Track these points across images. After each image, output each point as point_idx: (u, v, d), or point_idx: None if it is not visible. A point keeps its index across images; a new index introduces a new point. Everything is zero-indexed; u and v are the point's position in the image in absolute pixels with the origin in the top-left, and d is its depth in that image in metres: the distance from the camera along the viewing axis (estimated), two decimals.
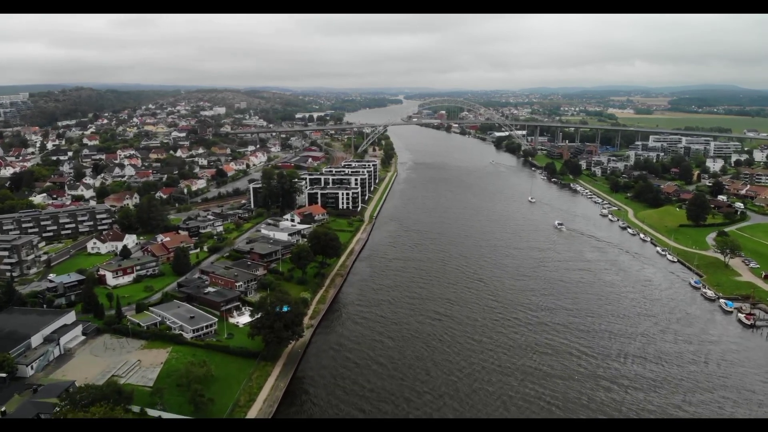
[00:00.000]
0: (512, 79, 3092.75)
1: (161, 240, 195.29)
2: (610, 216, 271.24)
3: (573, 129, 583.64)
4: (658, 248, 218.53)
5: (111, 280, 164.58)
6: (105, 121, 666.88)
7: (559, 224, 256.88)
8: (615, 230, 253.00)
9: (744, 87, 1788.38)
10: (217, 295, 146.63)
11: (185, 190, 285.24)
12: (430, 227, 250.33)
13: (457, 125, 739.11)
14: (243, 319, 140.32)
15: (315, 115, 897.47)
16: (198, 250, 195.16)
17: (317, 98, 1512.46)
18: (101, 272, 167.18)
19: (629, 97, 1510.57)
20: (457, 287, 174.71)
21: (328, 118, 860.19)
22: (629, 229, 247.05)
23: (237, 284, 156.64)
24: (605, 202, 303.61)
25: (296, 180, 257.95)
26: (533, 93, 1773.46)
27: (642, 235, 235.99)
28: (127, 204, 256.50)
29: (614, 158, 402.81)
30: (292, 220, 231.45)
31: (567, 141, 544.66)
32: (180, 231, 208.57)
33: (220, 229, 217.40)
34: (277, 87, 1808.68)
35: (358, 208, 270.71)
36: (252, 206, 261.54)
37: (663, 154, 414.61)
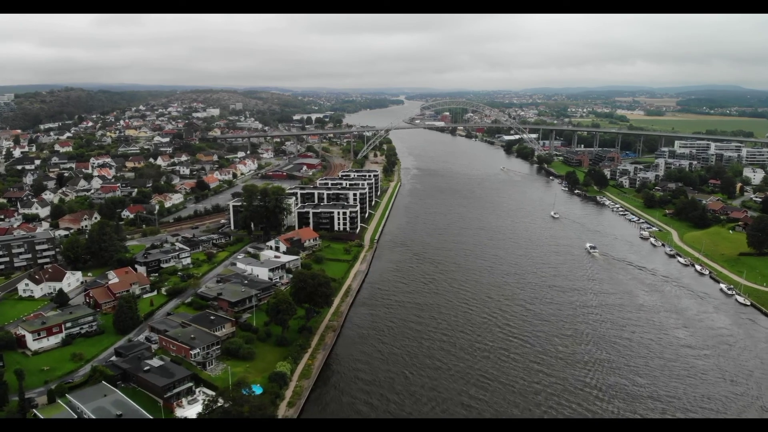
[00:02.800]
0: (512, 78, 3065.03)
1: (111, 280, 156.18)
2: (652, 239, 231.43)
3: (589, 132, 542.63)
4: (722, 285, 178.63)
5: (32, 342, 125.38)
6: (90, 123, 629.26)
7: (591, 248, 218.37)
8: (661, 258, 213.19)
9: (747, 87, 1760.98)
10: (160, 374, 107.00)
11: (157, 208, 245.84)
12: (443, 254, 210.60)
13: (462, 128, 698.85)
14: (194, 409, 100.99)
15: (313, 116, 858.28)
16: (154, 293, 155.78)
17: (317, 99, 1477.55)
18: (20, 332, 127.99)
19: (634, 97, 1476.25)
20: (490, 349, 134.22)
21: (326, 119, 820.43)
22: (680, 258, 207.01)
23: (192, 352, 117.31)
24: (641, 220, 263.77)
25: (283, 197, 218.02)
26: (536, 93, 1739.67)
27: (698, 267, 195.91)
28: (85, 226, 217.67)
29: (641, 166, 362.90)
30: (277, 248, 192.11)
31: (582, 145, 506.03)
32: (137, 266, 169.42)
33: (188, 261, 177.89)
34: (277, 87, 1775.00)
35: (357, 229, 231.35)
36: (232, 227, 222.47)
37: (696, 162, 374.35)
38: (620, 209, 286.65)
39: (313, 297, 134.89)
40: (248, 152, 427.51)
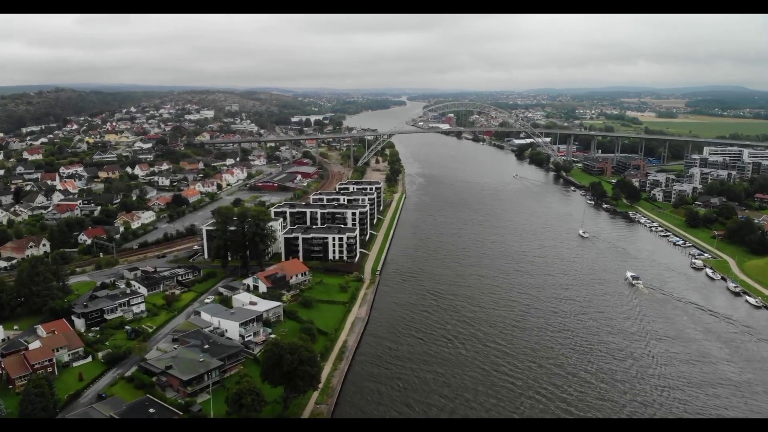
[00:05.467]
0: (513, 79, 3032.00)
1: (39, 337, 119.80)
2: (708, 270, 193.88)
3: (605, 137, 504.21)
4: None
5: None
6: (75, 126, 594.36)
7: (633, 278, 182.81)
8: (722, 295, 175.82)
9: (751, 88, 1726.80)
10: None
11: (120, 230, 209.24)
12: (463, 292, 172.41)
13: (469, 131, 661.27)
14: None
15: (312, 118, 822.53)
16: (89, 359, 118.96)
17: (317, 100, 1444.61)
18: None
19: (640, 98, 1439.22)
20: None
21: (326, 121, 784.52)
22: (749, 298, 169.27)
23: None
24: (687, 243, 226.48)
25: (265, 221, 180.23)
26: (539, 94, 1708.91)
27: None
28: (31, 255, 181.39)
29: (673, 176, 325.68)
30: (255, 287, 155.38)
31: (600, 151, 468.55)
32: (74, 317, 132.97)
33: (141, 308, 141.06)
34: (277, 88, 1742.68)
35: (356, 258, 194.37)
36: (205, 256, 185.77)
37: (734, 172, 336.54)
38: (659, 229, 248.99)
39: (292, 378, 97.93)
40: (238, 159, 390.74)
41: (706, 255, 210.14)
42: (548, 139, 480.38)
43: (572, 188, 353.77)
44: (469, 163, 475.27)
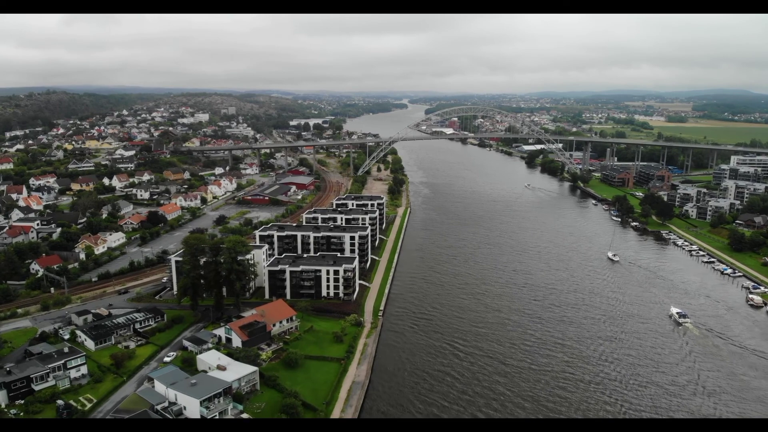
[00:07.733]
0: (514, 82, 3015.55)
1: None
2: None
3: (622, 144, 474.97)
4: None
5: None
6: (61, 130, 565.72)
7: (680, 316, 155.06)
8: None
9: (756, 92, 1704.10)
10: None
11: (81, 257, 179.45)
12: (487, 336, 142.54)
13: (475, 137, 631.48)
14: None
15: (311, 122, 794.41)
16: None
17: (318, 102, 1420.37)
18: None
19: (645, 102, 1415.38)
20: None
21: (326, 125, 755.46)
22: None
23: None
24: (737, 272, 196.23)
25: (245, 252, 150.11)
26: (542, 97, 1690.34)
27: None
28: None
29: (704, 189, 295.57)
30: (228, 340, 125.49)
31: (615, 158, 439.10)
32: None
33: (82, 371, 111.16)
34: (278, 91, 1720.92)
35: (354, 293, 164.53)
36: (174, 290, 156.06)
37: None
38: (701, 253, 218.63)
39: None
40: (228, 168, 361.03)
41: (762, 288, 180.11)
42: (560, 146, 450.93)
43: (592, 201, 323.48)
44: (477, 171, 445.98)
